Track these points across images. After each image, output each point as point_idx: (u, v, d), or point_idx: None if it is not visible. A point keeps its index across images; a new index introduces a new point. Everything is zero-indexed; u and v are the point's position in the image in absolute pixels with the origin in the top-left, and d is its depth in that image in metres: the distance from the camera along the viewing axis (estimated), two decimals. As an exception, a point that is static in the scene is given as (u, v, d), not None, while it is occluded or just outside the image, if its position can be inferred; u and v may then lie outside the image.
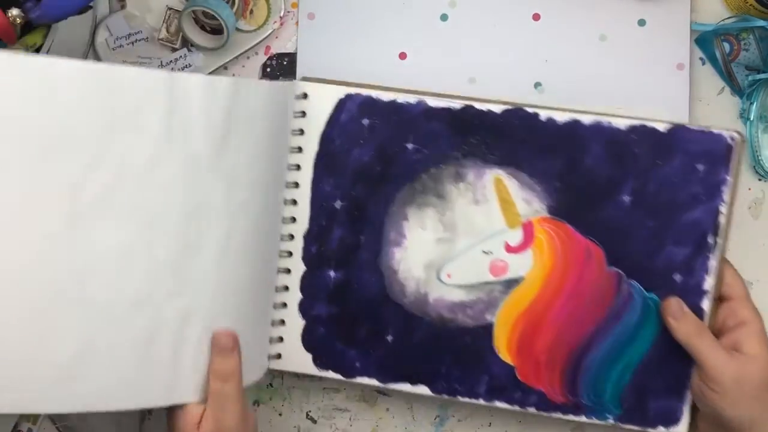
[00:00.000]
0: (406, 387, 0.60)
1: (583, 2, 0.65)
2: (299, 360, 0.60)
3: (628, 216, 0.57)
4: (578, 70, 0.65)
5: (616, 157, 0.57)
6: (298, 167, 0.59)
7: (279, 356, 0.61)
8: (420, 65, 0.66)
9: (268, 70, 0.67)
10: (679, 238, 0.57)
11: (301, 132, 0.59)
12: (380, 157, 0.59)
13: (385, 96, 0.58)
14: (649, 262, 0.57)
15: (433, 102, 0.58)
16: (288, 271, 0.60)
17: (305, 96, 0.59)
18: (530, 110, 0.58)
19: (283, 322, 0.60)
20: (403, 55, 0.66)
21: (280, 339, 0.60)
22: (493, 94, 0.66)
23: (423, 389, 0.60)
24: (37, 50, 0.59)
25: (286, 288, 0.60)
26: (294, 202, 0.59)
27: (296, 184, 0.59)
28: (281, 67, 0.67)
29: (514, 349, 0.59)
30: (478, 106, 0.58)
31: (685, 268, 0.57)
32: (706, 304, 0.57)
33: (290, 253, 0.59)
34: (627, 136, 0.57)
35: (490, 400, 0.59)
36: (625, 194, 0.57)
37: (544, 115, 0.57)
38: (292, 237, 0.59)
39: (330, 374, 0.60)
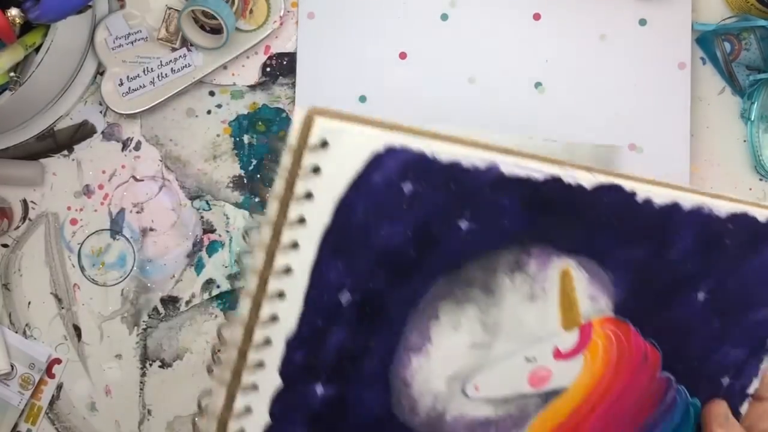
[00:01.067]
0: None
1: (583, 2, 0.65)
2: None
3: (696, 315, 0.48)
4: (578, 70, 0.65)
5: (704, 248, 0.47)
6: (295, 246, 0.39)
7: None
8: (420, 65, 0.66)
9: (268, 69, 0.67)
10: (738, 339, 0.49)
11: (309, 196, 0.39)
12: (419, 236, 0.41)
13: (446, 155, 0.40)
14: (702, 366, 0.49)
15: (508, 168, 0.41)
16: (254, 387, 0.41)
17: (324, 145, 0.38)
18: (628, 188, 0.44)
19: None
20: (403, 55, 0.66)
21: None
22: (494, 96, 0.66)
23: None
24: (37, 50, 0.59)
25: (248, 410, 0.41)
26: (280, 294, 0.40)
27: (287, 270, 0.39)
28: (281, 66, 0.67)
29: None
30: (566, 178, 0.43)
31: (735, 372, 0.49)
32: (745, 407, 0.50)
33: (261, 364, 0.40)
34: (723, 225, 0.47)
35: None
36: (701, 291, 0.48)
37: (642, 195, 0.45)
38: (268, 342, 0.40)
39: None
